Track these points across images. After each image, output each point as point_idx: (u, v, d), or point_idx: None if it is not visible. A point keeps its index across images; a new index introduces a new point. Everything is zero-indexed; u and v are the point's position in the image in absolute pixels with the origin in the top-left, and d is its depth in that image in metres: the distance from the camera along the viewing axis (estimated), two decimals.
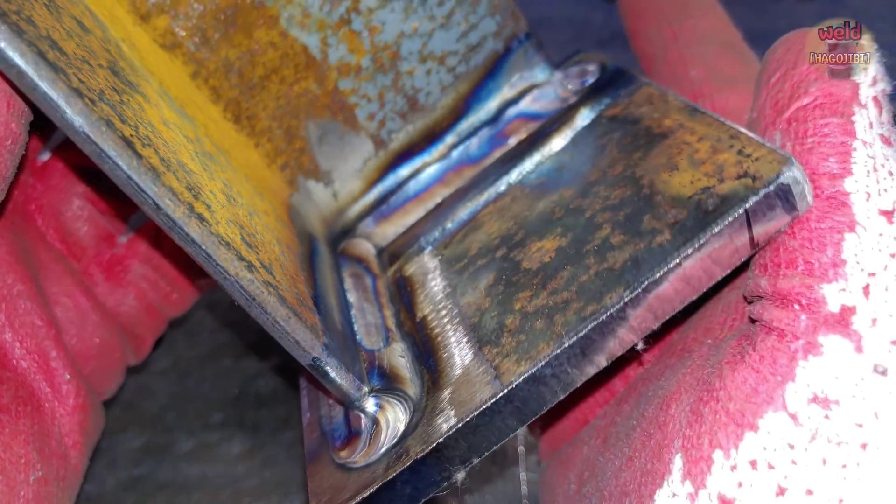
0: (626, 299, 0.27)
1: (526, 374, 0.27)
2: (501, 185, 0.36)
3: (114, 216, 0.41)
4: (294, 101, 0.36)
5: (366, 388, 0.31)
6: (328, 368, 0.30)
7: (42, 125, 0.28)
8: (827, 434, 0.24)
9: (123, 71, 0.29)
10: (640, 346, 0.28)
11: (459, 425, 0.27)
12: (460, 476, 0.29)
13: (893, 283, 0.25)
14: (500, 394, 0.27)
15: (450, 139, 0.39)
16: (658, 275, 0.27)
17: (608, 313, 0.27)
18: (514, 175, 0.36)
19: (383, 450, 0.30)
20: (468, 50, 0.38)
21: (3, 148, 0.28)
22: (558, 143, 0.36)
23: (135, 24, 0.33)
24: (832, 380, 0.25)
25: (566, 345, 0.27)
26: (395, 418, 0.31)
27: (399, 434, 0.30)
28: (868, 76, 0.28)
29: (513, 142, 0.38)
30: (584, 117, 0.36)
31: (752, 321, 0.27)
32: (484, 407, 0.27)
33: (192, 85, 0.34)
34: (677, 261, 0.26)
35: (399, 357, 0.32)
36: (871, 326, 0.25)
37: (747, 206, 0.26)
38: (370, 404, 0.31)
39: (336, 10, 0.36)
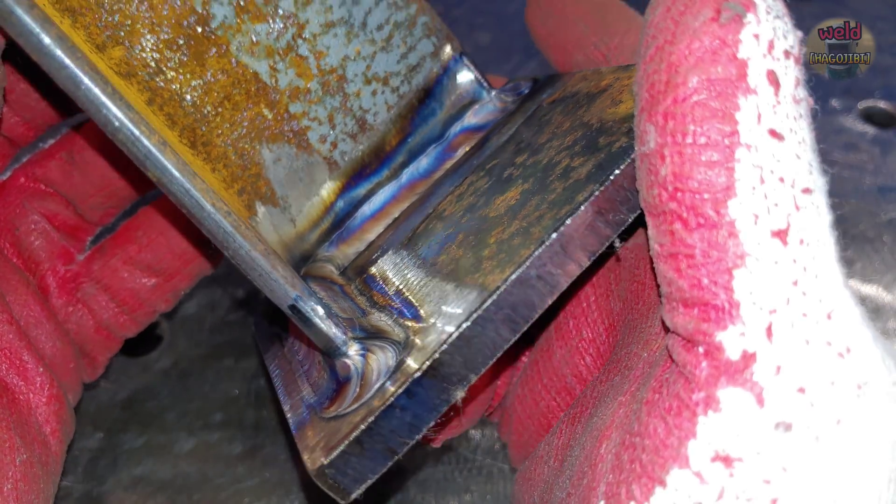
0: (597, 192, 0.27)
1: (512, 278, 0.27)
2: (457, 180, 0.37)
3: (73, 235, 0.43)
4: (248, 127, 0.37)
5: (350, 333, 0.32)
6: (309, 310, 0.31)
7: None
8: (734, 491, 0.23)
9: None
10: (617, 244, 0.29)
11: (453, 338, 0.27)
12: (459, 395, 0.28)
13: (799, 318, 0.23)
14: (490, 300, 0.27)
15: (400, 158, 0.40)
16: (623, 166, 0.27)
17: (582, 207, 0.27)
18: (467, 168, 0.37)
19: (376, 387, 0.29)
20: (409, 70, 0.40)
21: None
22: (505, 136, 0.37)
23: (91, 52, 0.34)
24: (733, 437, 0.23)
25: (547, 243, 0.27)
26: (386, 357, 0.30)
27: (391, 370, 0.29)
28: (762, 42, 0.24)
29: (460, 153, 0.40)
30: (526, 111, 0.37)
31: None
32: (475, 315, 0.27)
33: (148, 110, 0.35)
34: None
35: (379, 321, 0.32)
36: (775, 375, 0.23)
37: None
38: (355, 349, 0.31)
39: (283, 37, 0.37)
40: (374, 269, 0.35)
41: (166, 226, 0.43)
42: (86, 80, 0.28)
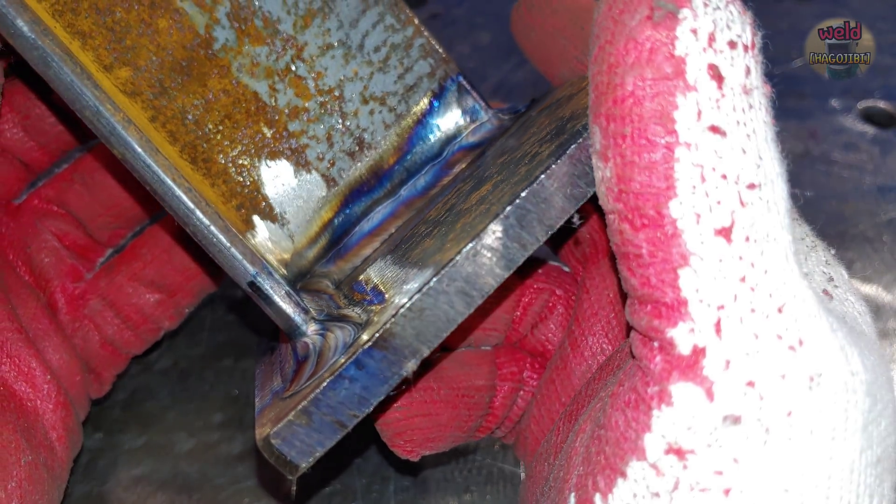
0: (553, 165, 0.28)
1: (466, 249, 0.28)
2: (448, 191, 0.38)
3: (82, 254, 0.44)
4: (247, 145, 0.38)
5: (312, 313, 0.32)
6: (268, 287, 0.32)
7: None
8: (688, 482, 0.23)
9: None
10: (575, 220, 0.29)
11: (403, 308, 0.27)
12: (411, 367, 0.28)
13: (748, 314, 0.23)
14: (443, 271, 0.27)
15: (398, 176, 0.41)
16: (580, 140, 0.28)
17: (538, 180, 0.28)
18: (459, 180, 0.38)
19: (330, 362, 0.29)
20: (406, 90, 0.41)
21: None
22: (496, 146, 0.38)
23: (98, 71, 0.35)
24: (685, 430, 0.23)
25: (501, 215, 0.28)
26: (344, 335, 0.30)
27: (347, 346, 0.29)
28: (701, 36, 0.23)
29: (457, 170, 0.40)
30: (519, 124, 0.38)
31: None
32: (427, 287, 0.27)
33: (150, 127, 0.36)
34: None
35: (350, 311, 0.33)
36: (724, 370, 0.23)
37: None
38: (314, 328, 0.32)
39: (282, 59, 0.38)
40: (361, 277, 0.36)
41: (171, 243, 0.44)
42: (56, 59, 0.30)
